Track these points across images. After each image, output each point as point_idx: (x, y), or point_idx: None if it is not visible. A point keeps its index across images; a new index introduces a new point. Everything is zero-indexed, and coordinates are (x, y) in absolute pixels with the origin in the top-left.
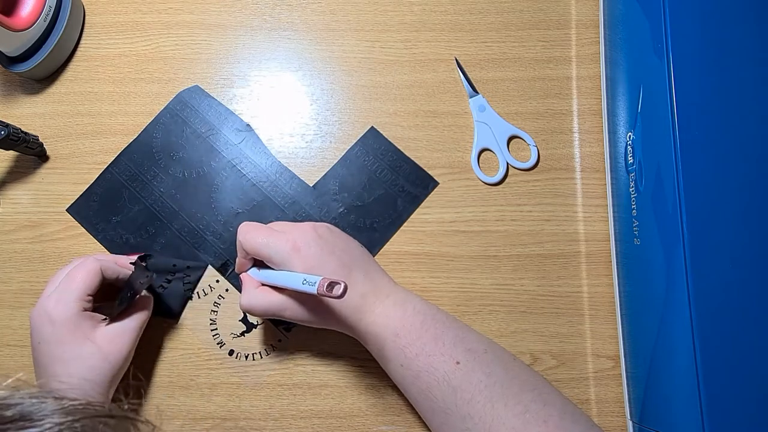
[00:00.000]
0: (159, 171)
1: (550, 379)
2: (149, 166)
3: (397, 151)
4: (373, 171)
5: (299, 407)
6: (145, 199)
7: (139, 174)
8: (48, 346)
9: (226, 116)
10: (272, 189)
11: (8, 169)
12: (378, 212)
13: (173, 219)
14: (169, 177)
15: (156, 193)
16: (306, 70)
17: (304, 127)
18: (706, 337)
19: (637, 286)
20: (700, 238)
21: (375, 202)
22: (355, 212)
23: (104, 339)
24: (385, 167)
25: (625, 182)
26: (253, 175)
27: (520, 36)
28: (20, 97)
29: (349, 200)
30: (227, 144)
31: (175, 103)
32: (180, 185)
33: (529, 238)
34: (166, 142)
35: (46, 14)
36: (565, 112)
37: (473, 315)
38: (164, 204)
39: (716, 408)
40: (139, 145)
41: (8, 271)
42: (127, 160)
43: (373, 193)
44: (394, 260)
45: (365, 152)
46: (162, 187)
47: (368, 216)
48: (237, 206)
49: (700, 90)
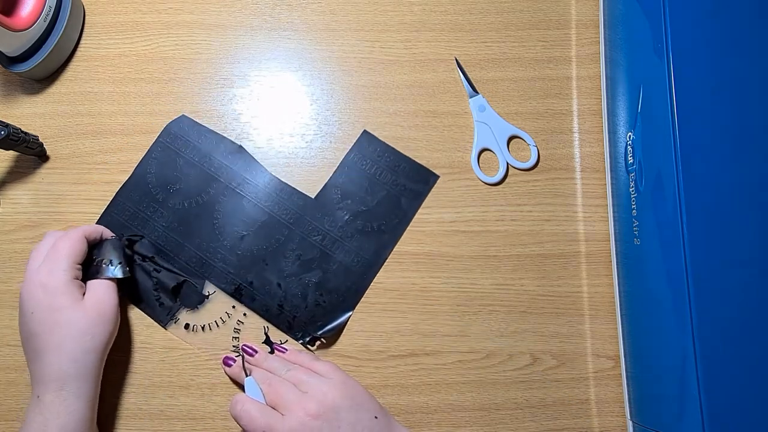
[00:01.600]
0: (158, 206)
1: (550, 379)
2: (148, 203)
3: (393, 151)
4: (372, 174)
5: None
6: (147, 236)
7: (139, 211)
8: (42, 313)
9: (218, 141)
10: (275, 206)
11: (8, 169)
12: (383, 214)
13: (179, 251)
14: (168, 210)
15: (158, 228)
16: (306, 70)
17: (304, 127)
18: (706, 337)
19: (637, 286)
20: (700, 238)
21: (379, 204)
22: (361, 217)
23: (93, 301)
24: (384, 168)
25: (625, 182)
26: (253, 196)
27: (520, 36)
28: (20, 97)
29: (354, 206)
30: (222, 168)
31: (165, 136)
32: (181, 217)
33: (529, 238)
34: (161, 176)
35: (46, 14)
36: (565, 112)
37: (473, 315)
38: (168, 238)
39: (716, 408)
40: (135, 183)
41: (8, 271)
42: (125, 199)
43: (376, 196)
44: (395, 260)
45: (361, 156)
46: (163, 222)
47: (374, 219)
48: (242, 229)
49: (700, 90)
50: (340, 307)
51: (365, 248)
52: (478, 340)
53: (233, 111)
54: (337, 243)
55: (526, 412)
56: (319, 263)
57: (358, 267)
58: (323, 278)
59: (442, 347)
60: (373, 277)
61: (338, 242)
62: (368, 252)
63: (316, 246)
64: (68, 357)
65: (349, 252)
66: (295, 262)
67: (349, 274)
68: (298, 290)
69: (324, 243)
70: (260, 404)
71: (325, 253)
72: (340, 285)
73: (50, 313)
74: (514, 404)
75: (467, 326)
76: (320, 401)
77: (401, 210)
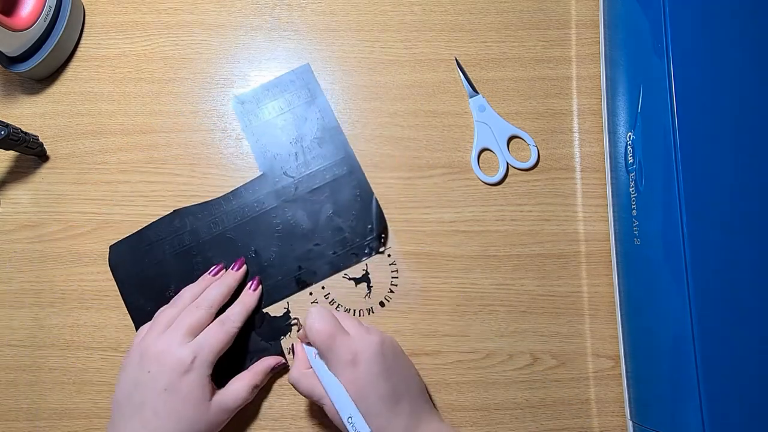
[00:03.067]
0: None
1: (550, 379)
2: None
3: (261, 87)
4: (268, 117)
5: (299, 407)
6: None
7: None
8: (178, 397)
9: (155, 227)
10: (248, 210)
11: (8, 169)
12: (310, 125)
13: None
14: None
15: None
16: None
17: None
18: (706, 336)
19: (637, 286)
20: (700, 238)
21: (299, 124)
22: (303, 143)
23: (217, 409)
24: (269, 104)
25: (625, 182)
26: (225, 223)
27: (520, 36)
28: (20, 97)
29: (288, 145)
30: (182, 237)
31: (116, 273)
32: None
33: (529, 238)
34: (149, 295)
35: (46, 14)
36: (565, 112)
37: (473, 315)
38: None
39: (716, 408)
40: (139, 320)
41: (8, 271)
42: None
43: (290, 121)
44: (395, 260)
45: (251, 115)
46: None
47: (310, 133)
48: (249, 250)
49: (700, 90)
50: (364, 205)
51: (329, 155)
52: (478, 340)
53: (233, 111)
54: (310, 177)
55: (526, 412)
56: (318, 200)
57: (341, 170)
58: (333, 205)
59: (442, 347)
60: (357, 161)
61: (310, 175)
62: (333, 155)
63: (301, 196)
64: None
65: (324, 171)
66: (305, 221)
67: (342, 180)
68: (329, 232)
69: (304, 187)
70: (332, 315)
71: (312, 191)
72: (347, 193)
73: (182, 403)
74: (514, 404)
75: (467, 326)
76: (383, 338)
77: (315, 109)
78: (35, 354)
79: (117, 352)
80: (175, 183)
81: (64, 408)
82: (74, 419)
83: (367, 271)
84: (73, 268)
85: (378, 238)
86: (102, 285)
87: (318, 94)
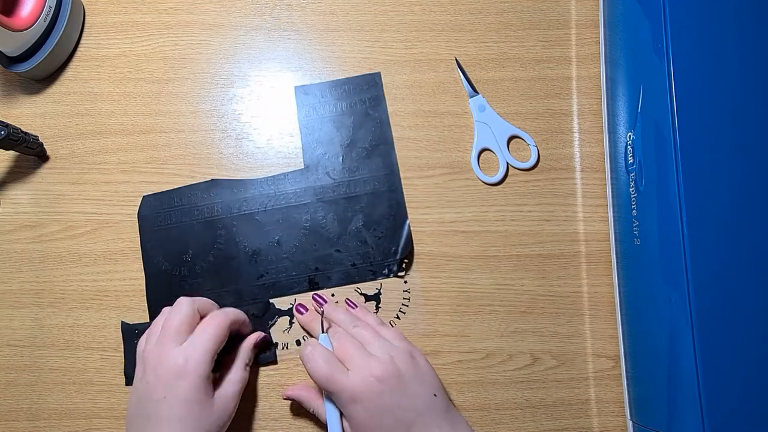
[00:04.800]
0: (189, 279)
1: (550, 379)
2: (178, 284)
3: (329, 83)
4: (330, 113)
5: (299, 407)
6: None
7: (175, 296)
8: (177, 402)
9: (191, 190)
10: (281, 198)
11: (8, 169)
12: (365, 133)
13: (239, 298)
14: (201, 276)
15: (206, 295)
16: (306, 70)
17: None
18: (706, 337)
19: (637, 286)
20: (700, 238)
21: (356, 129)
22: (352, 150)
23: (220, 402)
24: (334, 102)
25: (625, 182)
26: (257, 206)
27: (520, 36)
28: (20, 97)
29: (338, 147)
30: (214, 207)
31: (144, 223)
32: (216, 270)
33: (529, 238)
34: (169, 256)
35: (46, 14)
36: (565, 112)
37: (473, 315)
38: (221, 295)
39: (716, 408)
40: (153, 279)
41: (8, 271)
42: (156, 295)
43: (348, 125)
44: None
45: (310, 107)
46: (206, 287)
47: (362, 142)
48: (272, 237)
49: (700, 90)
50: (395, 225)
51: (374, 168)
52: (478, 340)
53: (233, 111)
54: (351, 184)
55: (526, 412)
56: (352, 208)
57: (382, 186)
58: (365, 217)
59: (442, 347)
60: (400, 181)
61: (351, 182)
62: (379, 169)
63: (338, 199)
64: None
65: (365, 182)
66: (334, 225)
67: (380, 196)
68: (355, 242)
69: (342, 192)
70: (329, 353)
71: (349, 198)
72: (382, 210)
73: (182, 406)
74: (514, 404)
75: (467, 326)
76: (386, 366)
77: (375, 119)
78: (35, 354)
79: (117, 352)
80: (175, 183)
81: (64, 408)
82: (74, 419)
83: (380, 291)
84: (73, 268)
85: (400, 263)
86: (102, 285)
87: (381, 104)
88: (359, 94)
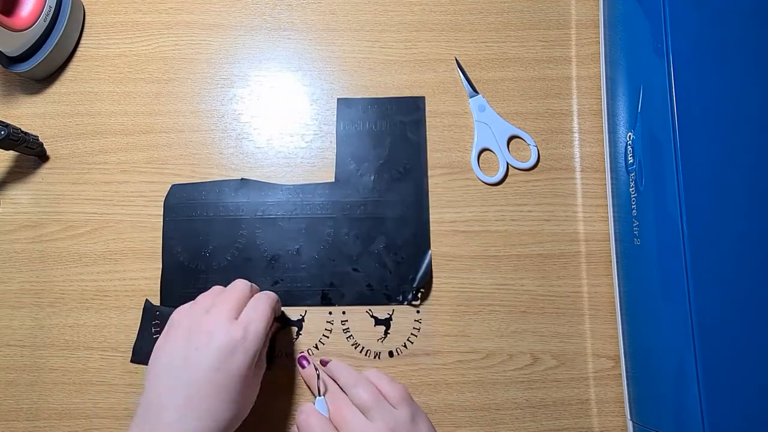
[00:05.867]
0: (205, 275)
1: (550, 379)
2: (193, 278)
3: (374, 100)
4: (369, 130)
5: (299, 407)
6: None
7: (189, 291)
8: (224, 377)
9: (220, 187)
10: (306, 208)
11: (8, 169)
12: (401, 156)
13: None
14: (217, 272)
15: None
16: (306, 70)
17: (304, 127)
18: (706, 336)
19: (637, 286)
20: (700, 238)
21: (392, 150)
22: (384, 170)
23: (256, 381)
24: (376, 119)
25: (625, 182)
26: (282, 212)
27: (520, 36)
28: (20, 97)
29: (372, 165)
30: (240, 207)
31: (168, 213)
32: (233, 269)
33: (529, 238)
34: (188, 248)
35: (46, 14)
36: (565, 112)
37: (473, 315)
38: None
39: (716, 408)
40: (170, 268)
41: (8, 271)
42: (170, 286)
43: (385, 145)
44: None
45: (350, 121)
46: (219, 282)
47: (396, 164)
48: (292, 245)
49: (700, 90)
50: (417, 253)
51: (405, 192)
52: (478, 340)
53: (233, 111)
54: (379, 204)
55: (526, 412)
56: (377, 229)
57: (410, 211)
58: (388, 240)
59: (442, 347)
60: (428, 211)
61: (379, 202)
62: (409, 194)
63: (363, 218)
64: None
65: (394, 205)
66: (356, 243)
67: (406, 221)
68: (374, 263)
69: (369, 211)
70: (324, 420)
71: (375, 219)
72: (406, 235)
73: (233, 381)
74: (514, 404)
75: (467, 326)
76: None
77: (413, 143)
78: (35, 354)
79: (117, 352)
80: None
81: (64, 408)
82: (74, 419)
83: (392, 316)
84: (73, 268)
85: (416, 291)
86: (102, 285)
87: (421, 129)
88: (401, 115)
